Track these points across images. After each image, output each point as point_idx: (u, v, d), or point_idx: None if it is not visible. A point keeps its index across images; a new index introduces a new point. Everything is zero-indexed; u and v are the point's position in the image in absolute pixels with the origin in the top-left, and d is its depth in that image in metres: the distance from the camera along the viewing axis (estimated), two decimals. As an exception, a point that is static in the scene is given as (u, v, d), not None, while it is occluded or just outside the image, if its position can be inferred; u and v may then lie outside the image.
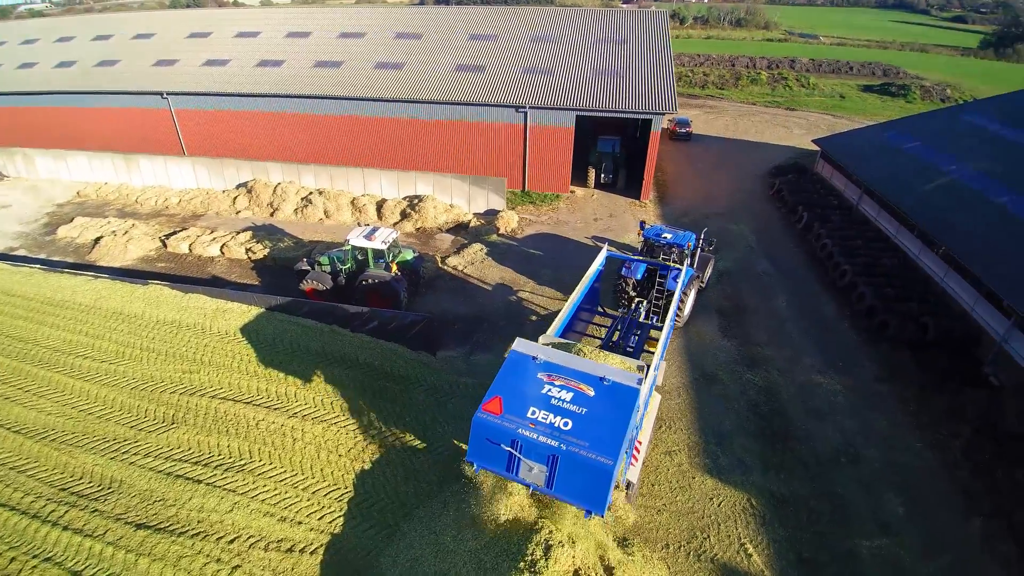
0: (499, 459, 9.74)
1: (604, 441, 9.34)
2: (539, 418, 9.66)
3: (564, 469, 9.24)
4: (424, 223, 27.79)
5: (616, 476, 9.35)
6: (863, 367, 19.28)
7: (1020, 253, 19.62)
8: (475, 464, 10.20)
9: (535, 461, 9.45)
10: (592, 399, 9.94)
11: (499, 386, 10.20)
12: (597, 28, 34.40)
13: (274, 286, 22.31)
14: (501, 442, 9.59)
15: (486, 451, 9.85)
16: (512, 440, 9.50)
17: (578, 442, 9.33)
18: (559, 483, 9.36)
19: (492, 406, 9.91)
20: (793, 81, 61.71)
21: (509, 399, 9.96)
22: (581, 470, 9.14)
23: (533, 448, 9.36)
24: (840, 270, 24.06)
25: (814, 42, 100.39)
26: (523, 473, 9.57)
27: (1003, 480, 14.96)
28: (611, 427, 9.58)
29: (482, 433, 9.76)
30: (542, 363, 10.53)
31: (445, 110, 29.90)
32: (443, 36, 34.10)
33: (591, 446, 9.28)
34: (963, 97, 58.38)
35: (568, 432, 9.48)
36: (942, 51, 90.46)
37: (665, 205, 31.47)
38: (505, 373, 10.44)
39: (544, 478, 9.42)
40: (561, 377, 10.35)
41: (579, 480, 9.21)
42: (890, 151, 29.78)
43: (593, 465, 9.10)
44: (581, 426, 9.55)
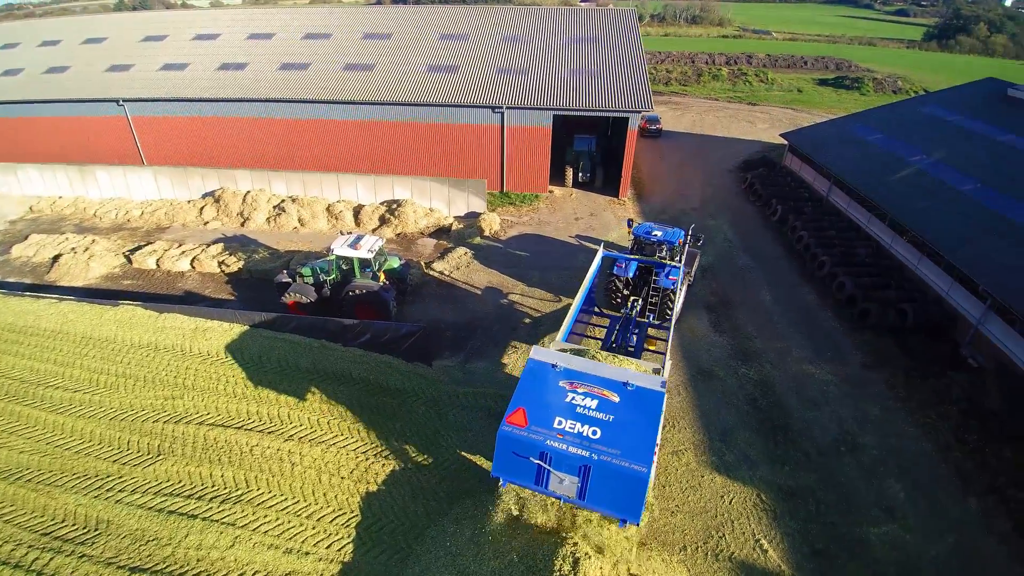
0: (527, 472, 9.43)
1: (636, 448, 9.16)
2: (566, 428, 9.42)
3: (597, 479, 9.01)
4: (404, 228, 27.10)
5: (650, 482, 9.18)
6: (850, 355, 19.73)
7: (989, 239, 20.43)
8: (502, 479, 9.85)
9: (566, 472, 9.18)
10: (618, 405, 9.76)
11: (521, 397, 9.91)
12: (567, 27, 34.28)
13: (252, 300, 21.31)
14: (529, 455, 9.30)
15: (513, 465, 9.52)
16: (541, 452, 9.21)
17: (609, 451, 9.13)
18: (592, 494, 9.12)
19: (516, 418, 9.60)
20: (753, 76, 63.28)
21: (533, 410, 9.67)
22: (614, 479, 8.94)
23: (563, 459, 9.11)
24: (818, 261, 24.61)
25: (767, 38, 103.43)
26: (553, 485, 9.29)
27: (992, 458, 15.50)
28: (641, 433, 9.41)
29: (508, 447, 9.44)
30: (562, 371, 10.29)
31: (420, 112, 29.25)
32: (413, 36, 33.37)
33: (623, 454, 9.08)
34: (913, 88, 61.05)
35: (598, 441, 9.26)
36: (889, 44, 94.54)
37: (643, 202, 31.63)
38: (526, 383, 10.14)
39: (576, 489, 9.18)
40: (584, 384, 10.12)
41: (613, 489, 9.00)
42: (856, 143, 30.70)
43: (627, 473, 8.91)
44: (610, 434, 9.35)
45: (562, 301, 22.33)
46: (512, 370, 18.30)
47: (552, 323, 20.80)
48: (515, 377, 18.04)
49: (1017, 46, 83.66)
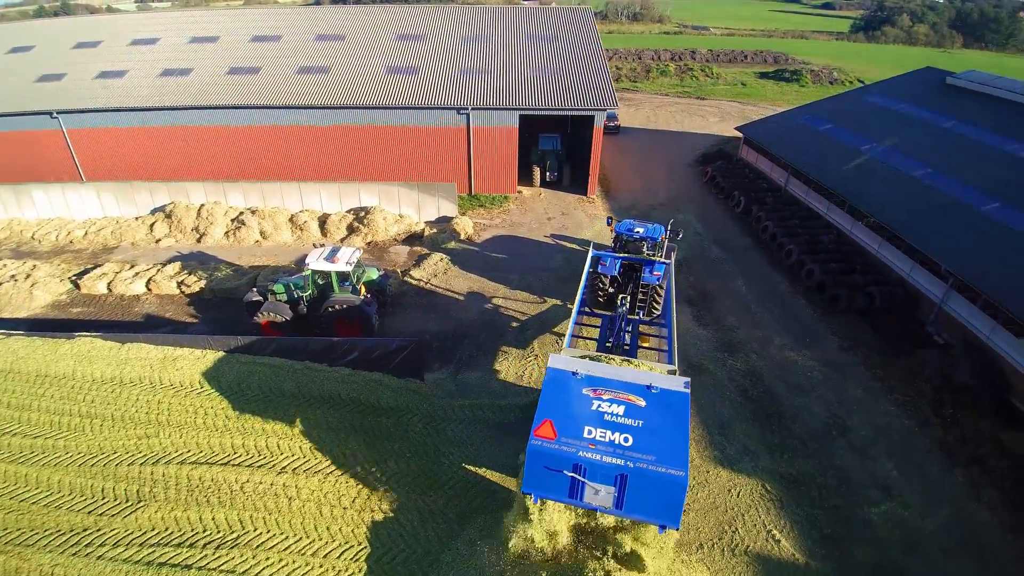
0: (560, 486, 9.08)
1: (670, 453, 9.01)
2: (597, 437, 9.16)
3: (634, 487, 8.78)
4: (375, 236, 26.11)
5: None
6: (827, 339, 20.36)
7: (945, 222, 21.51)
8: (533, 495, 9.41)
9: (601, 483, 8.90)
10: (645, 410, 9.58)
11: (546, 408, 9.56)
12: (526, 26, 33.98)
13: (219, 322, 19.94)
14: (562, 468, 8.97)
15: (545, 480, 9.14)
16: (574, 464, 8.90)
17: (644, 457, 8.94)
18: (629, 503, 8.88)
19: (544, 431, 9.26)
20: (699, 71, 64.99)
21: (561, 421, 9.35)
22: (652, 486, 8.74)
23: (598, 470, 8.84)
24: (786, 250, 25.33)
25: (706, 33, 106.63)
26: (588, 497, 9.00)
27: (970, 430, 16.27)
28: (673, 437, 9.27)
29: (539, 461, 9.07)
30: (584, 377, 10.04)
31: (383, 115, 28.25)
32: (368, 37, 32.22)
33: (658, 459, 8.91)
34: (847, 79, 64.25)
35: (631, 448, 9.05)
36: (819, 37, 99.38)
37: (612, 199, 31.76)
38: (549, 393, 9.80)
39: (612, 499, 8.92)
40: (608, 390, 9.89)
41: (651, 496, 8.80)
42: (809, 134, 31.86)
43: (665, 479, 8.73)
44: (642, 440, 9.15)
45: (547, 302, 22.05)
46: (505, 376, 17.85)
47: (539, 326, 20.50)
48: (509, 384, 17.66)
49: (938, 35, 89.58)
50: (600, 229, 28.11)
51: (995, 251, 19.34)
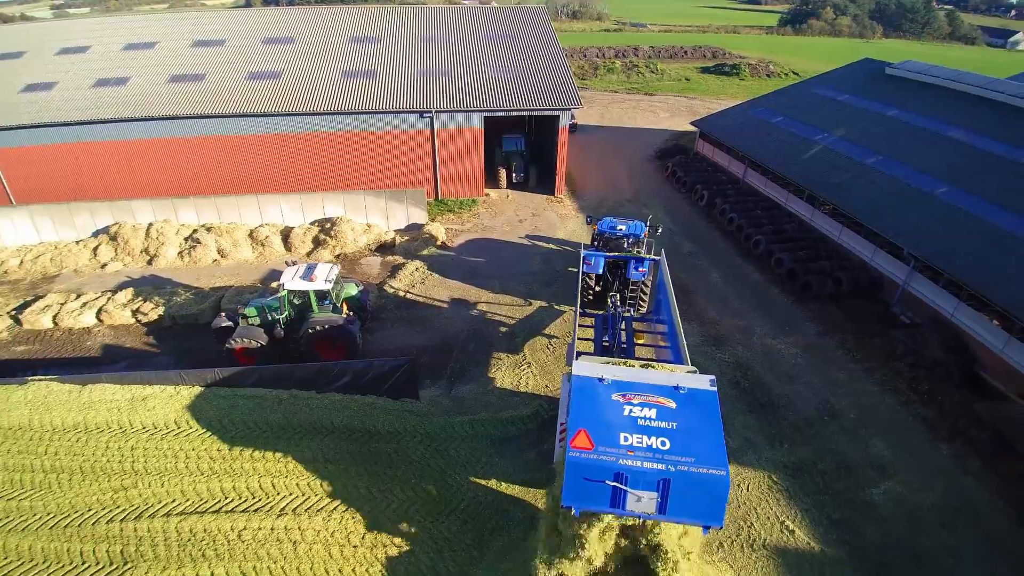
0: (601, 496, 8.80)
1: (709, 452, 8.88)
2: (634, 443, 8.93)
3: (677, 491, 8.58)
4: (344, 248, 24.90)
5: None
6: (804, 326, 20.94)
7: (902, 207, 22.54)
8: (574, 507, 9.06)
9: (644, 490, 8.64)
10: (676, 411, 9.44)
11: (578, 418, 9.23)
12: (482, 26, 33.37)
13: (184, 352, 18.41)
14: (603, 478, 8.67)
15: (586, 491, 8.82)
16: (615, 473, 8.62)
17: (684, 459, 8.75)
18: (673, 507, 8.68)
19: (581, 441, 8.94)
20: (644, 68, 66.19)
21: (595, 430, 9.06)
22: (695, 488, 8.58)
23: (640, 476, 8.60)
24: (754, 240, 25.95)
25: (644, 30, 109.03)
26: (631, 505, 8.74)
27: (947, 404, 17.07)
28: (709, 436, 9.17)
29: (579, 473, 8.73)
30: (611, 383, 9.79)
31: (343, 121, 26.99)
32: (320, 40, 30.73)
33: (698, 461, 8.75)
34: (783, 71, 67.06)
35: (670, 452, 8.86)
36: (751, 31, 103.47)
37: (580, 198, 31.68)
38: (578, 402, 9.47)
39: (655, 505, 8.70)
40: (637, 394, 9.68)
41: (694, 498, 8.64)
42: (763, 126, 32.84)
43: (707, 480, 8.59)
44: (679, 442, 8.98)
45: (532, 304, 21.68)
46: (501, 387, 17.32)
47: (528, 330, 20.06)
48: (506, 395, 17.12)
49: (859, 26, 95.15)
50: (574, 229, 28.00)
51: (951, 232, 20.40)
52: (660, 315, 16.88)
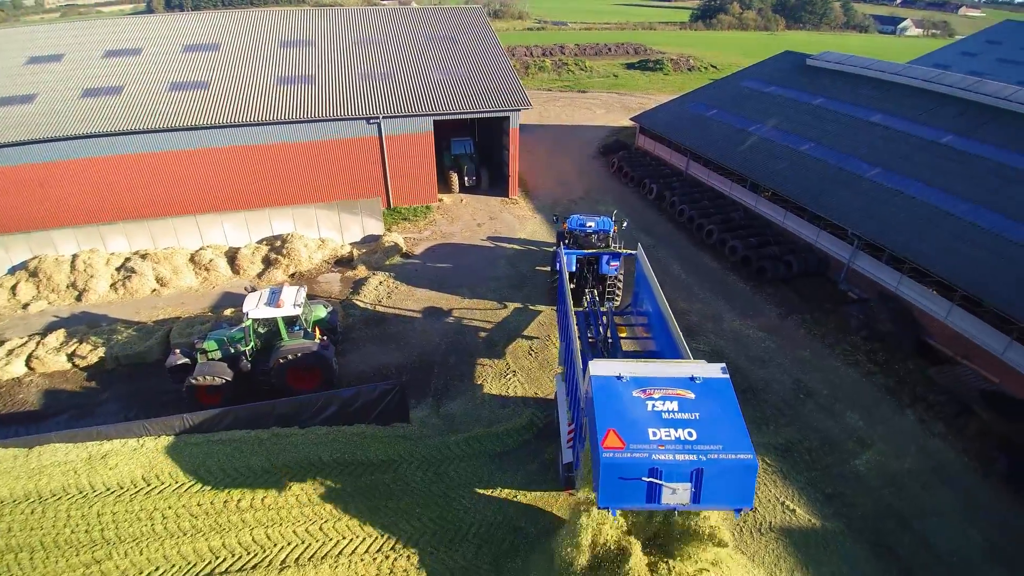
0: (637, 494, 8.75)
1: (734, 438, 8.97)
2: (663, 437, 8.90)
3: (710, 479, 8.65)
4: (298, 267, 23.34)
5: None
6: (766, 309, 21.81)
7: (840, 191, 23.92)
8: (611, 508, 8.99)
9: (678, 482, 8.67)
10: (695, 401, 9.49)
11: (604, 418, 9.09)
12: (420, 28, 32.38)
13: (136, 397, 16.52)
14: (638, 476, 8.62)
15: (622, 491, 8.74)
16: (650, 469, 8.59)
17: (713, 448, 8.81)
18: (706, 495, 8.74)
19: (612, 442, 8.81)
20: (573, 65, 67.10)
21: (624, 428, 8.95)
22: (727, 474, 8.69)
23: (674, 469, 8.61)
24: (706, 230, 26.79)
25: (565, 28, 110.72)
26: (666, 498, 8.74)
27: (904, 373, 18.27)
28: (731, 422, 9.25)
29: (614, 473, 8.62)
30: (630, 380, 9.70)
31: (284, 131, 25.27)
32: (247, 45, 28.62)
33: (726, 447, 8.81)
34: (702, 65, 70.05)
35: (698, 442, 8.88)
36: (665, 27, 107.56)
37: (534, 199, 31.48)
38: (601, 403, 9.33)
39: (689, 495, 8.74)
40: (656, 388, 9.63)
41: (726, 485, 8.74)
42: (700, 120, 34.00)
43: (738, 465, 8.69)
44: (705, 432, 9.02)
45: (508, 307, 21.30)
46: (489, 396, 16.76)
47: (507, 335, 19.62)
48: (496, 406, 16.57)
49: (764, 19, 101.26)
50: (534, 229, 27.78)
51: (887, 211, 21.87)
52: (641, 308, 16.92)
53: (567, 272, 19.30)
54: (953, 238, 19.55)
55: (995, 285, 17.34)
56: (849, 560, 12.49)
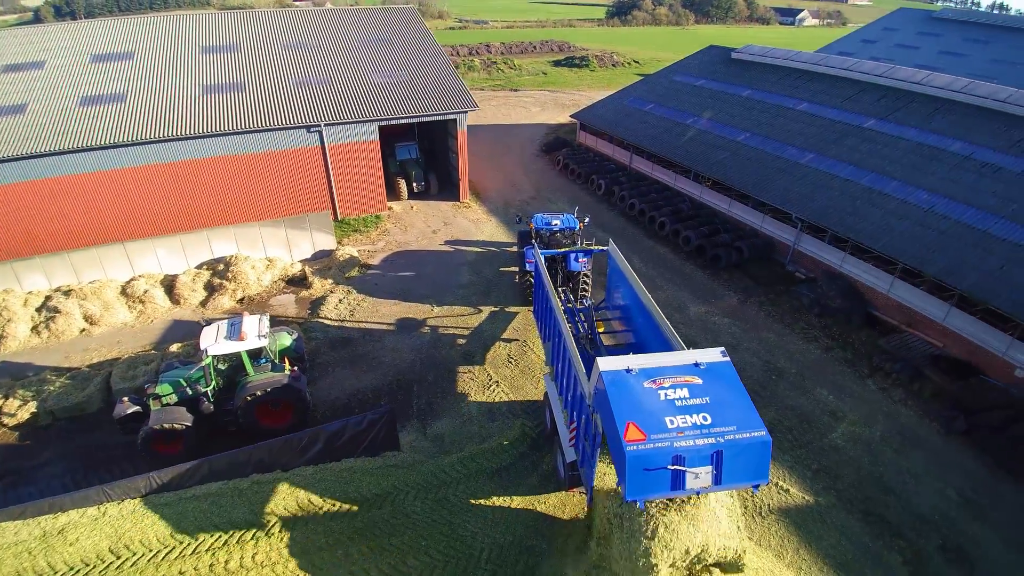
0: (662, 483, 8.80)
1: (746, 418, 9.21)
2: (680, 424, 9.00)
3: (729, 460, 8.83)
4: (247, 291, 21.51)
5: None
6: (726, 295, 22.46)
7: (779, 177, 25.04)
8: (639, 500, 9.01)
9: (700, 466, 8.79)
10: (704, 386, 9.61)
11: (622, 413, 9.05)
12: (353, 30, 30.80)
13: (78, 454, 14.51)
14: (663, 464, 8.69)
15: (648, 481, 8.75)
16: (674, 457, 8.67)
17: (729, 429, 8.99)
18: (727, 475, 8.90)
19: (633, 435, 8.79)
20: (502, 64, 66.76)
21: (642, 420, 8.97)
22: (744, 453, 8.89)
23: (695, 454, 8.74)
24: (658, 222, 27.30)
25: (487, 27, 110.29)
26: (690, 483, 8.84)
27: (859, 345, 19.37)
28: (740, 403, 9.46)
29: (640, 465, 8.61)
30: (639, 372, 9.71)
31: (216, 144, 23.14)
32: (163, 53, 25.98)
33: (740, 427, 9.04)
34: (625, 61, 71.79)
35: (714, 425, 9.03)
36: (584, 24, 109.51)
37: (486, 201, 30.85)
38: (616, 398, 9.29)
39: (711, 477, 8.89)
40: (665, 378, 9.69)
41: (744, 463, 8.94)
42: (638, 114, 34.66)
43: (753, 443, 8.93)
44: (718, 414, 9.18)
45: (482, 312, 20.67)
46: (477, 412, 16.10)
47: (482, 344, 18.97)
48: (484, 419, 15.94)
49: (675, 14, 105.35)
50: (492, 232, 27.21)
51: (825, 194, 23.11)
52: (617, 302, 16.88)
53: (545, 271, 19.19)
54: (888, 215, 20.91)
55: (931, 256, 18.68)
56: (845, 532, 12.96)
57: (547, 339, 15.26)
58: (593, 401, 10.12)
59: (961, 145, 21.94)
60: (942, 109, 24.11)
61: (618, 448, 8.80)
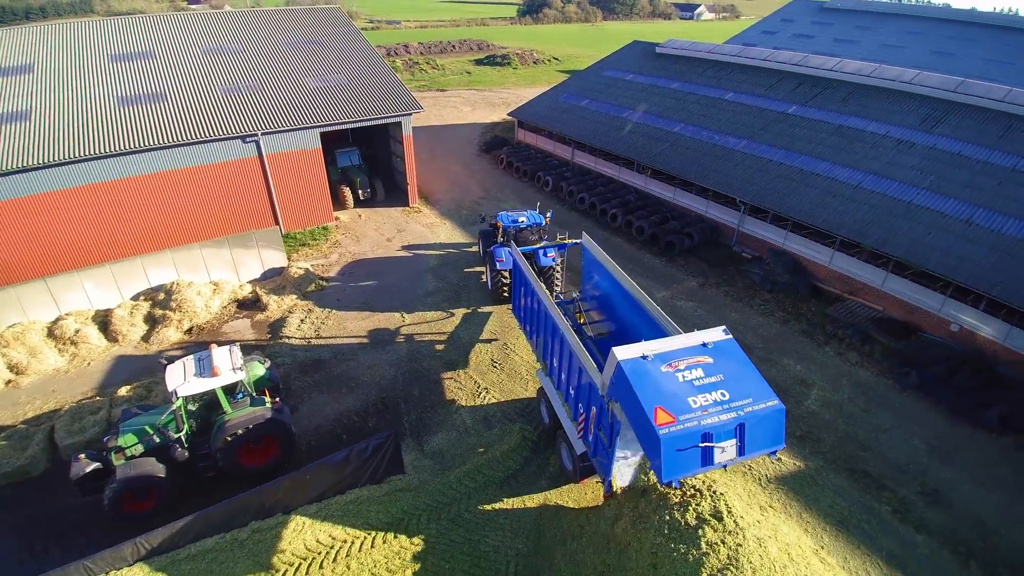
0: (693, 461, 9.09)
1: (758, 389, 9.66)
2: (703, 403, 9.31)
3: (751, 431, 9.24)
4: (194, 320, 19.48)
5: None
6: (686, 280, 23.21)
7: (719, 164, 26.18)
8: (673, 481, 9.24)
9: (726, 440, 9.17)
10: (715, 364, 9.98)
11: (648, 397, 9.25)
12: (277, 33, 28.72)
13: (31, 524, 12.44)
14: (693, 443, 8.98)
15: (680, 462, 9.00)
16: (703, 434, 8.99)
17: (747, 402, 9.39)
18: (748, 446, 9.31)
19: (663, 418, 8.99)
20: (425, 65, 65.33)
21: (668, 403, 9.20)
22: (763, 423, 9.33)
23: (722, 429, 9.11)
24: (610, 214, 27.76)
25: (400, 27, 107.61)
26: (718, 458, 9.18)
27: (811, 315, 20.67)
28: (750, 376, 9.91)
29: (673, 446, 8.86)
30: (654, 357, 9.89)
31: (142, 160, 20.68)
32: (66, 63, 22.85)
33: (756, 399, 9.46)
34: (545, 58, 72.52)
35: (732, 399, 9.41)
36: (497, 23, 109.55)
37: (436, 204, 29.96)
38: (639, 385, 9.46)
39: (735, 449, 9.28)
40: (680, 360, 9.94)
41: (763, 432, 9.39)
42: (576, 110, 35.03)
43: (771, 412, 9.39)
44: (734, 389, 9.57)
45: (455, 315, 20.06)
46: (472, 422, 15.53)
47: (463, 351, 18.37)
48: (481, 427, 15.42)
49: (584, 11, 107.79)
50: (449, 235, 26.42)
51: (763, 177, 24.44)
52: (593, 293, 16.97)
53: (528, 268, 19.02)
54: (822, 194, 22.43)
55: (867, 229, 20.24)
56: (837, 490, 13.76)
57: (536, 335, 15.04)
58: (610, 391, 10.21)
59: (877, 125, 23.96)
60: (855, 93, 26.21)
61: (648, 433, 8.97)
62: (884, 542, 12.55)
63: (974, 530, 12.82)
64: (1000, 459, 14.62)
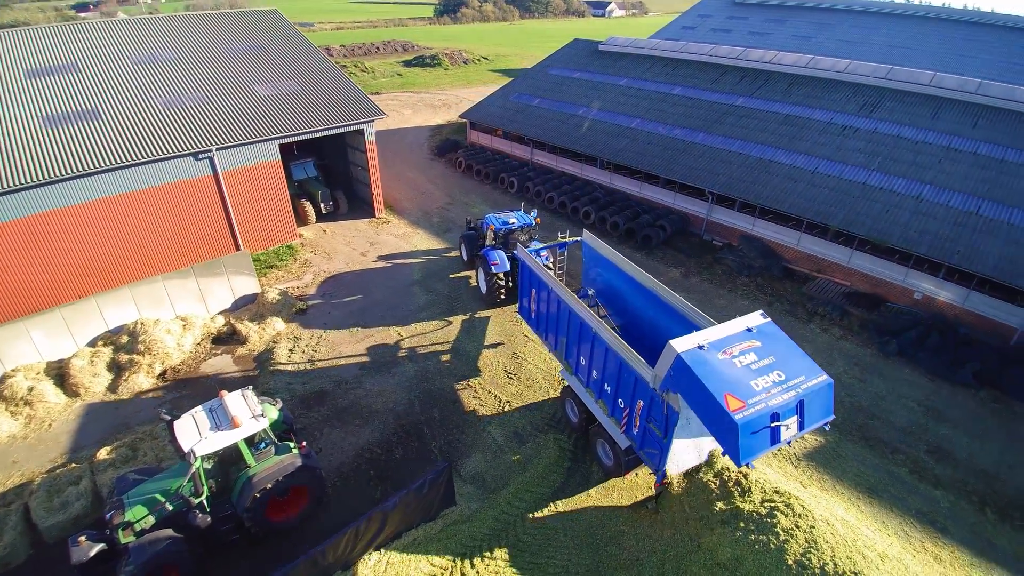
0: (764, 441, 9.45)
1: (808, 367, 10.15)
2: (764, 385, 9.63)
3: (809, 407, 9.72)
4: (167, 361, 17.22)
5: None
6: (668, 271, 23.63)
7: (683, 158, 26.84)
8: (749, 462, 9.66)
9: (790, 417, 9.60)
10: (763, 348, 10.32)
11: (715, 386, 9.45)
12: (216, 39, 26.04)
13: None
14: (764, 425, 9.30)
15: (753, 444, 9.30)
16: (772, 415, 9.35)
17: (801, 380, 9.83)
18: (807, 419, 9.78)
19: (734, 403, 9.23)
20: (354, 68, 62.41)
21: (734, 389, 9.46)
22: (817, 399, 9.82)
23: (786, 408, 9.50)
24: (583, 212, 27.72)
25: (314, 29, 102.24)
26: (784, 436, 9.61)
27: (791, 295, 21.68)
28: (797, 355, 10.38)
29: (748, 430, 9.15)
30: (710, 345, 10.13)
31: (82, 186, 17.95)
32: (-36, 79, 19.40)
33: (807, 376, 9.94)
34: (474, 58, 71.58)
35: (788, 379, 9.79)
36: (415, 23, 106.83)
37: (403, 213, 28.55)
38: (704, 374, 9.63)
39: (796, 425, 9.71)
40: (732, 347, 10.22)
41: (817, 407, 9.87)
42: (530, 110, 34.68)
43: (824, 386, 9.93)
44: (788, 369, 9.98)
45: (453, 323, 19.31)
46: (503, 437, 14.84)
47: (471, 362, 17.60)
48: (515, 442, 14.83)
49: (502, 11, 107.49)
50: (425, 243, 25.26)
51: (726, 168, 25.33)
52: (596, 288, 16.83)
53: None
54: (784, 180, 23.59)
55: (831, 211, 21.51)
56: (856, 458, 14.48)
57: (556, 336, 14.68)
58: (665, 382, 10.30)
59: (821, 113, 25.55)
60: (796, 83, 27.81)
61: (721, 420, 9.16)
62: (911, 502, 13.34)
63: (981, 479, 13.94)
64: (983, 412, 16.04)
